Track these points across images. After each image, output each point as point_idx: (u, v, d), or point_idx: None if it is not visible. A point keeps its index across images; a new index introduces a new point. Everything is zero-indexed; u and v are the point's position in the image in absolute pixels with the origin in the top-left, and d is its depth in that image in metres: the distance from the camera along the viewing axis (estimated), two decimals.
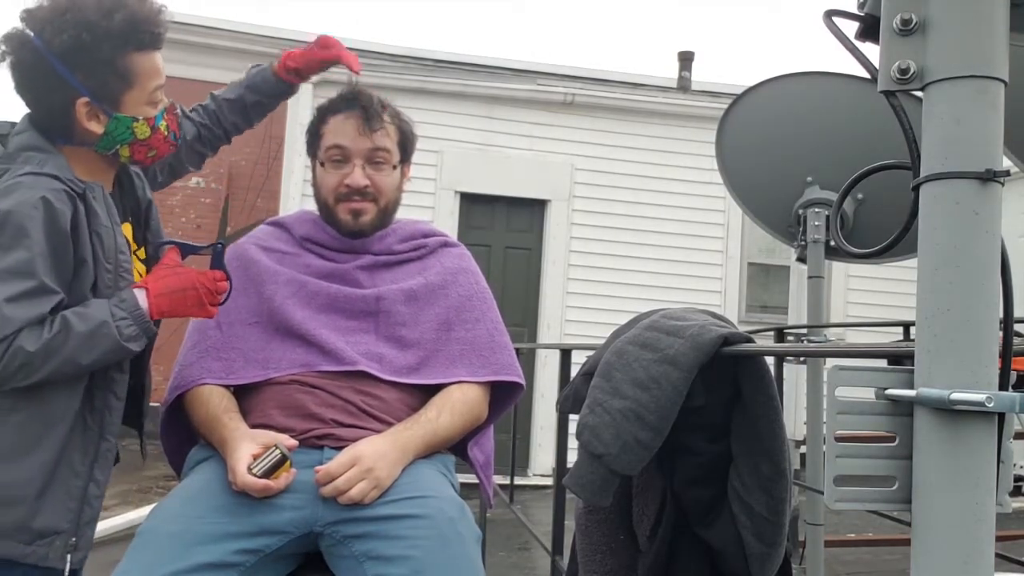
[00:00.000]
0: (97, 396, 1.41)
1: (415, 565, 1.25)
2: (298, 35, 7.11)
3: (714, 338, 1.08)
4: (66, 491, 1.37)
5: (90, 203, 1.39)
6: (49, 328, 1.28)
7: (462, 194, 7.09)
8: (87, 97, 1.39)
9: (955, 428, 0.67)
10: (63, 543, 1.36)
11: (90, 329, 1.30)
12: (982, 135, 0.68)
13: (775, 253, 7.44)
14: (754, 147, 2.71)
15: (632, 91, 7.41)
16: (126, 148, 1.46)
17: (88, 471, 1.40)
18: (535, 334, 7.12)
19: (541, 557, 4.42)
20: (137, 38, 1.41)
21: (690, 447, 1.17)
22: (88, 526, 1.41)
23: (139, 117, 1.44)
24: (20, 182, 1.32)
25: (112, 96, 1.41)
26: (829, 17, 0.79)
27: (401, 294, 1.60)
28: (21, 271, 1.28)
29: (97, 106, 1.40)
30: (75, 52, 1.36)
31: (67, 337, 1.28)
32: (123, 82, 1.41)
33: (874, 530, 4.91)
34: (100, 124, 1.42)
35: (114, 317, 1.33)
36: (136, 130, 1.45)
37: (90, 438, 1.40)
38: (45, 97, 1.40)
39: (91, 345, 1.30)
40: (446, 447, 1.56)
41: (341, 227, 1.63)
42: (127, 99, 1.43)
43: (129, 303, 1.36)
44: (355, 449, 1.37)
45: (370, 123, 1.59)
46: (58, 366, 1.29)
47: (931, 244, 0.69)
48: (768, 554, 1.13)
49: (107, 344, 1.32)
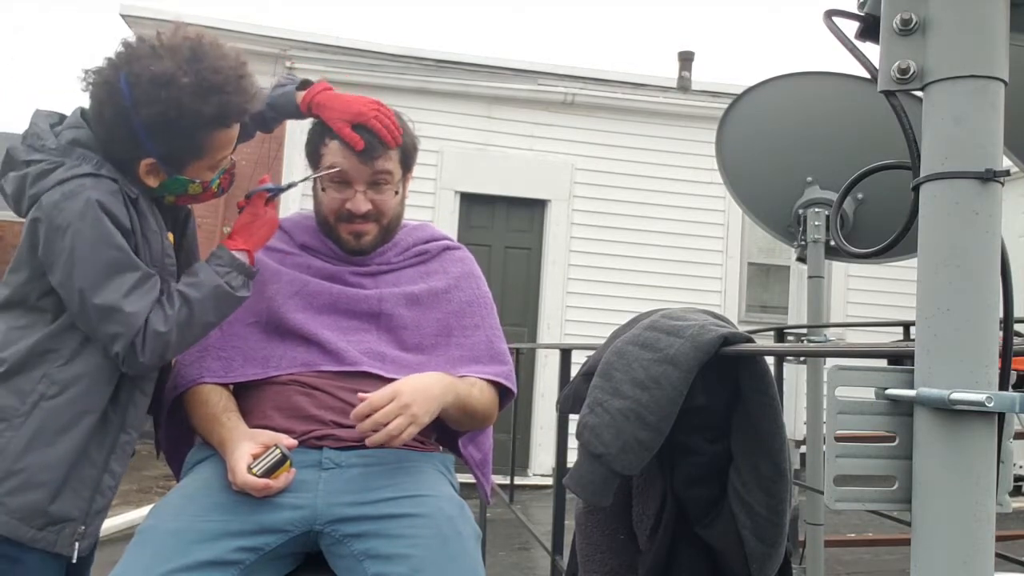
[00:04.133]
0: (123, 390, 1.43)
1: (415, 564, 1.25)
2: (298, 35, 7.12)
3: (714, 338, 1.08)
4: (80, 480, 1.39)
5: (142, 208, 1.43)
6: (171, 305, 1.39)
7: (462, 194, 7.09)
8: (155, 160, 1.42)
9: (955, 428, 0.67)
10: (72, 531, 1.38)
11: (206, 294, 1.42)
12: (982, 135, 0.68)
13: (775, 253, 7.44)
14: (754, 147, 2.70)
15: (632, 91, 7.40)
16: (172, 197, 1.51)
17: (104, 461, 1.42)
18: (535, 334, 7.12)
19: (541, 557, 4.42)
20: (224, 120, 1.43)
21: (690, 447, 1.17)
22: (98, 515, 1.43)
23: (196, 180, 1.48)
24: (83, 184, 1.36)
25: (179, 163, 1.45)
26: (829, 17, 0.79)
27: (403, 297, 1.59)
28: (121, 265, 1.36)
29: (161, 167, 1.44)
30: (159, 125, 1.37)
31: (191, 308, 1.40)
32: (195, 154, 1.45)
33: (874, 530, 4.91)
34: (157, 180, 1.45)
35: (221, 275, 1.44)
36: (190, 189, 1.50)
37: (109, 430, 1.42)
38: (117, 144, 1.41)
39: (213, 306, 1.43)
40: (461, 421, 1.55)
41: (342, 245, 1.62)
42: (193, 166, 1.46)
43: (227, 258, 1.46)
44: (394, 385, 1.39)
45: (372, 152, 1.55)
46: (192, 334, 1.42)
47: (931, 244, 0.69)
48: (768, 554, 1.13)
49: (225, 300, 1.44)
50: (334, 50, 7.00)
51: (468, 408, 1.51)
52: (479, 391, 1.55)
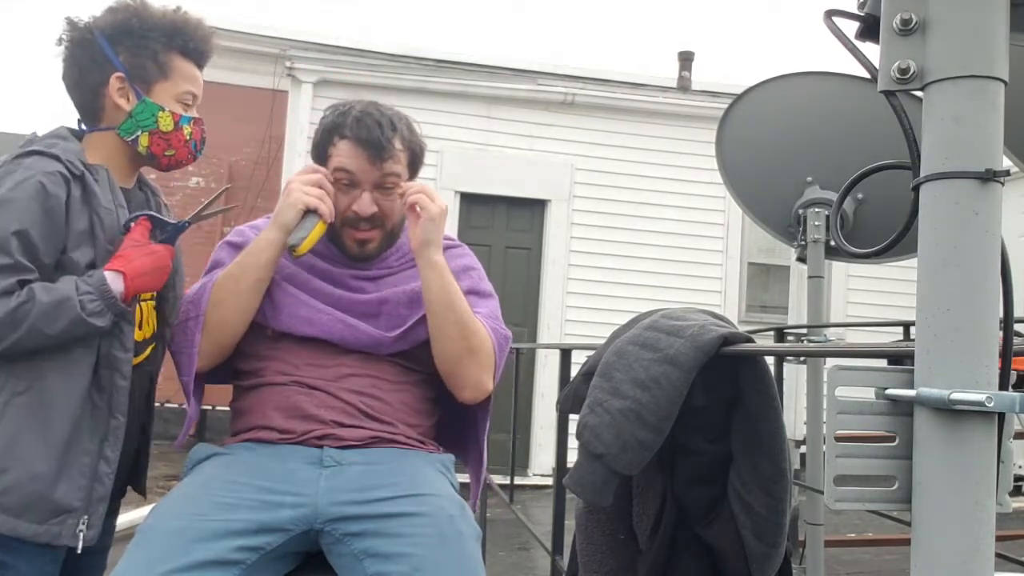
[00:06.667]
0: (104, 375, 1.43)
1: (415, 562, 1.25)
2: (298, 35, 7.13)
3: (714, 338, 1.08)
4: (78, 469, 1.39)
5: (89, 184, 1.43)
6: (16, 297, 1.32)
7: (462, 194, 7.09)
8: (122, 73, 1.49)
9: (955, 428, 0.67)
10: (75, 521, 1.38)
11: (54, 300, 1.33)
12: (982, 135, 0.68)
13: (775, 253, 7.44)
14: (754, 147, 2.71)
15: (632, 91, 7.41)
16: (146, 136, 1.52)
17: (98, 449, 1.42)
18: (535, 334, 7.13)
19: (541, 557, 4.42)
20: (182, 41, 1.54)
21: (690, 447, 1.17)
22: (100, 503, 1.42)
23: (165, 108, 1.52)
24: (19, 163, 1.39)
25: (146, 79, 1.51)
26: (829, 17, 0.79)
27: (404, 296, 1.59)
28: None
29: (129, 84, 1.49)
30: (121, 33, 1.49)
31: (32, 307, 1.32)
32: (159, 72, 1.52)
33: (874, 530, 4.91)
34: (128, 103, 1.50)
35: (78, 291, 1.36)
36: (160, 120, 1.52)
37: (99, 416, 1.42)
38: (86, 75, 1.50)
39: (55, 316, 1.34)
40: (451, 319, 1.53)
41: (345, 251, 1.62)
42: (159, 88, 1.52)
43: (96, 279, 1.39)
44: None
45: (381, 154, 1.54)
46: (24, 334, 1.32)
47: (931, 244, 0.69)
48: (768, 554, 1.13)
49: (70, 316, 1.35)
50: (334, 50, 7.00)
51: (458, 307, 1.52)
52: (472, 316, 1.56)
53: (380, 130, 1.54)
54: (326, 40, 7.04)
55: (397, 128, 1.58)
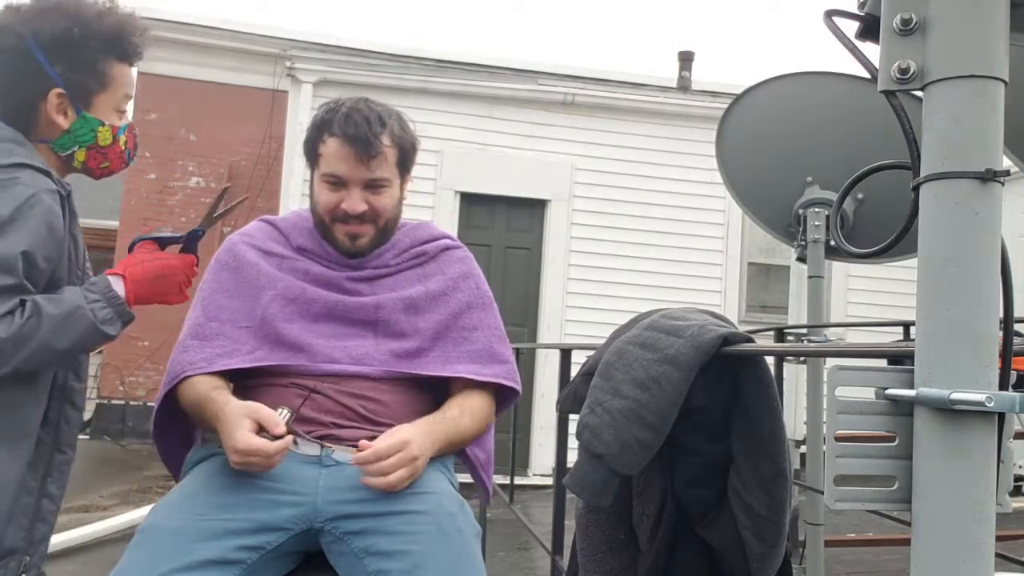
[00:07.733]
0: (52, 407, 1.37)
1: (415, 560, 1.25)
2: (298, 35, 7.13)
3: (714, 338, 1.08)
4: (20, 508, 1.33)
5: (71, 206, 1.39)
6: (21, 314, 1.25)
7: (462, 194, 7.09)
8: (61, 89, 1.39)
9: (955, 428, 0.67)
10: (18, 563, 1.33)
11: (63, 312, 1.28)
12: (982, 135, 0.68)
13: (775, 253, 7.44)
14: (754, 147, 2.71)
15: (632, 91, 7.41)
16: (83, 152, 1.45)
17: (40, 485, 1.36)
18: (535, 334, 7.12)
19: (541, 557, 4.42)
20: (121, 47, 1.44)
21: (690, 447, 1.17)
22: (42, 543, 1.37)
23: (105, 122, 1.45)
24: (15, 178, 1.30)
25: (85, 94, 1.42)
26: (829, 17, 0.79)
27: (401, 302, 1.58)
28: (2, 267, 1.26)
29: (69, 101, 1.40)
30: (60, 45, 1.38)
31: (39, 321, 1.25)
32: (99, 84, 1.43)
33: (874, 530, 4.91)
34: (67, 120, 1.42)
35: (87, 300, 1.32)
36: (99, 135, 1.45)
37: (42, 451, 1.36)
38: (19, 85, 1.39)
39: (66, 328, 1.28)
40: (456, 450, 1.54)
41: (337, 246, 1.60)
42: (98, 101, 1.44)
43: (101, 286, 1.35)
44: (402, 433, 1.36)
45: (368, 151, 1.52)
46: (33, 351, 1.25)
47: (931, 244, 0.69)
48: (768, 554, 1.13)
49: (82, 326, 1.30)
50: (334, 50, 7.00)
51: (459, 441, 1.51)
52: (471, 416, 1.52)
53: (368, 126, 1.52)
54: (326, 40, 7.04)
55: (386, 124, 1.56)
